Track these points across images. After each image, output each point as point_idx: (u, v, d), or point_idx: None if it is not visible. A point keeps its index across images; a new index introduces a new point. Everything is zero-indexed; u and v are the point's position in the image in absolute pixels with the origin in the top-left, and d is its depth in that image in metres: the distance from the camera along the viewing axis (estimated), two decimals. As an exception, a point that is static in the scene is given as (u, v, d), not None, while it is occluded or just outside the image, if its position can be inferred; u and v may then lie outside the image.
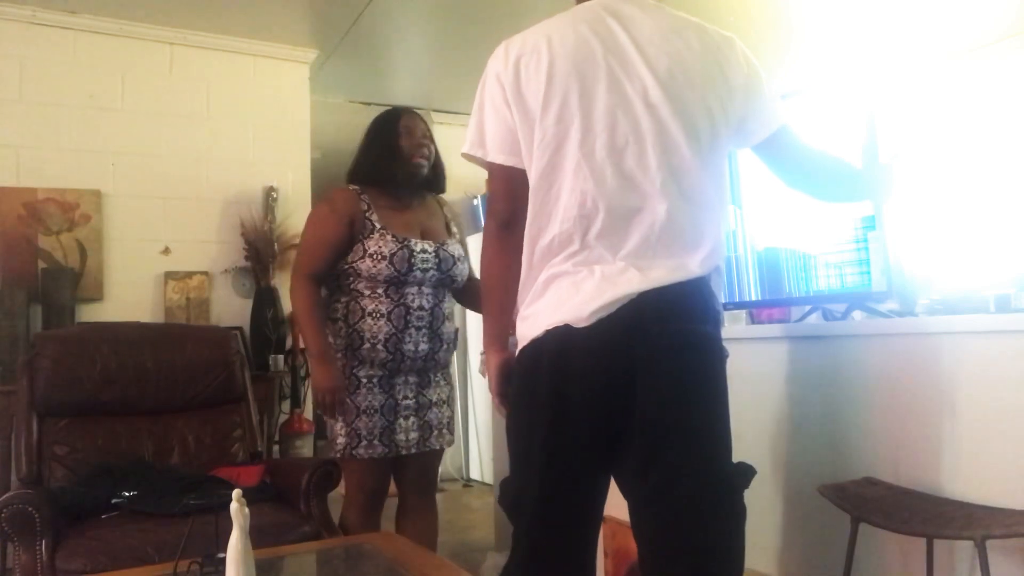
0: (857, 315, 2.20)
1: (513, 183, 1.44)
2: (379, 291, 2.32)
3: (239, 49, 3.99)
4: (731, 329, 2.43)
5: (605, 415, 1.33)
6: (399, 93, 4.88)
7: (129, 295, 3.68)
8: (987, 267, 3.25)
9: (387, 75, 4.68)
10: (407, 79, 4.80)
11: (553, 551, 1.39)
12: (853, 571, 1.76)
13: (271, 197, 3.97)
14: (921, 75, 4.36)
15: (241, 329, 3.76)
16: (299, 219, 4.03)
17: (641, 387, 1.31)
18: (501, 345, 1.51)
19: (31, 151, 3.57)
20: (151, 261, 3.75)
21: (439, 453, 2.55)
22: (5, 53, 3.54)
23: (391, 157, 2.39)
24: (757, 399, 2.30)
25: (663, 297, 1.32)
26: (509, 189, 1.46)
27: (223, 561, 1.54)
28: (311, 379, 2.30)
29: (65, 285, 3.46)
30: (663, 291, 1.33)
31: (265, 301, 3.83)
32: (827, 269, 2.16)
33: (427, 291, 2.36)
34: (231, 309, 3.89)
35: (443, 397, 2.49)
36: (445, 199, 2.61)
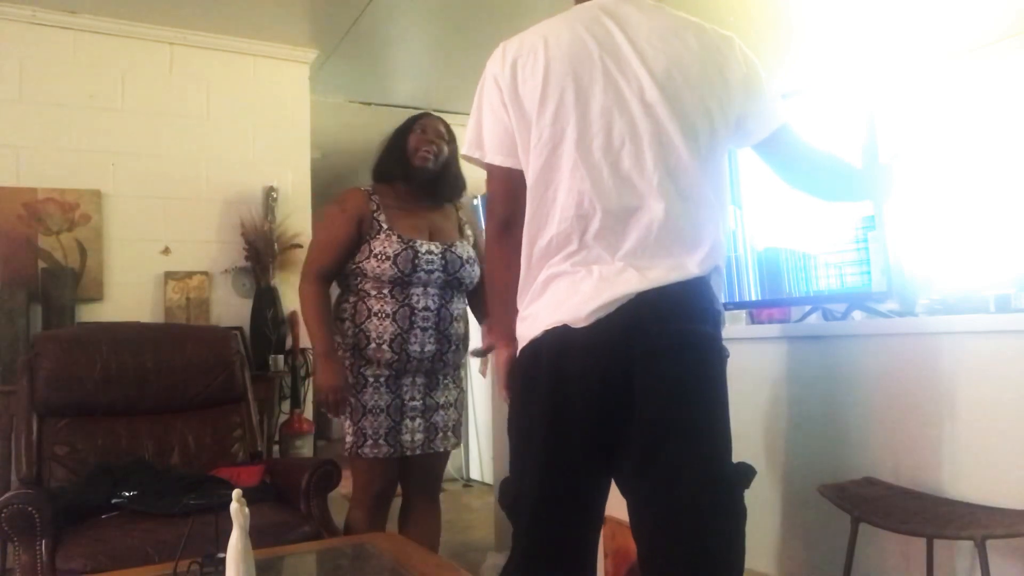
0: (857, 315, 2.20)
1: (512, 184, 1.45)
2: (384, 291, 2.32)
3: (239, 49, 3.99)
4: (731, 329, 2.42)
5: (604, 415, 1.33)
6: (399, 93, 4.87)
7: (129, 295, 3.67)
8: (987, 267, 3.25)
9: (387, 75, 4.68)
10: (407, 79, 4.80)
11: (552, 551, 1.39)
12: (853, 571, 1.76)
13: (271, 197, 3.97)
14: (921, 75, 4.36)
15: (241, 329, 3.75)
16: (299, 219, 4.05)
17: (640, 387, 1.31)
18: (508, 340, 1.50)
19: (31, 151, 3.56)
20: (151, 261, 3.75)
21: (444, 456, 2.54)
22: (5, 53, 3.54)
23: (398, 154, 2.40)
24: (757, 399, 2.30)
25: (662, 297, 1.32)
26: (508, 190, 1.46)
27: (223, 561, 1.54)
28: (314, 377, 2.30)
29: (65, 285, 3.46)
30: (662, 291, 1.32)
31: (265, 301, 3.83)
32: (827, 269, 2.16)
33: (433, 292, 2.35)
34: (231, 309, 3.88)
35: (450, 400, 2.48)
36: (462, 202, 2.61)
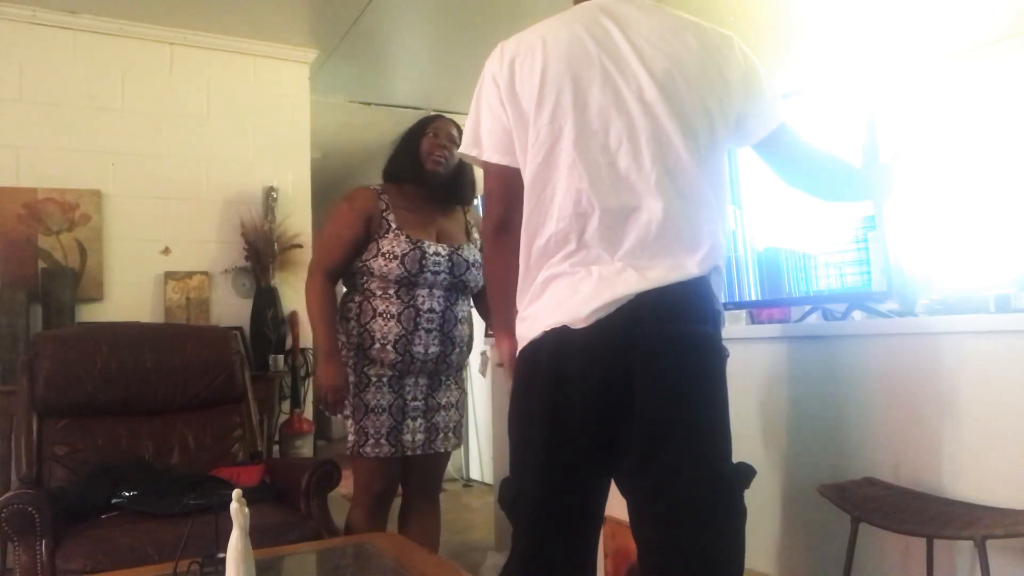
0: (857, 315, 2.20)
1: (509, 182, 1.45)
2: (390, 291, 2.32)
3: (239, 49, 3.99)
4: (731, 329, 2.42)
5: (603, 416, 1.33)
6: (399, 93, 4.87)
7: (129, 295, 3.68)
8: (987, 267, 3.25)
9: (387, 75, 4.68)
10: (407, 79, 4.80)
11: (552, 551, 1.39)
12: (853, 571, 1.75)
13: (271, 197, 3.97)
14: (921, 75, 4.36)
15: (241, 329, 3.76)
16: (299, 219, 4.05)
17: (640, 387, 1.31)
18: (510, 332, 1.51)
19: (31, 151, 3.56)
20: (151, 261, 3.75)
21: (445, 456, 2.54)
22: (5, 53, 3.54)
23: (411, 157, 2.40)
24: (757, 399, 2.30)
25: (661, 297, 1.32)
26: (505, 189, 1.46)
27: (223, 561, 1.54)
28: (316, 375, 2.30)
29: (65, 285, 3.46)
30: (662, 291, 1.32)
31: (265, 301, 3.83)
32: (827, 269, 2.16)
33: (438, 293, 2.35)
34: (231, 309, 3.88)
35: (452, 400, 2.48)
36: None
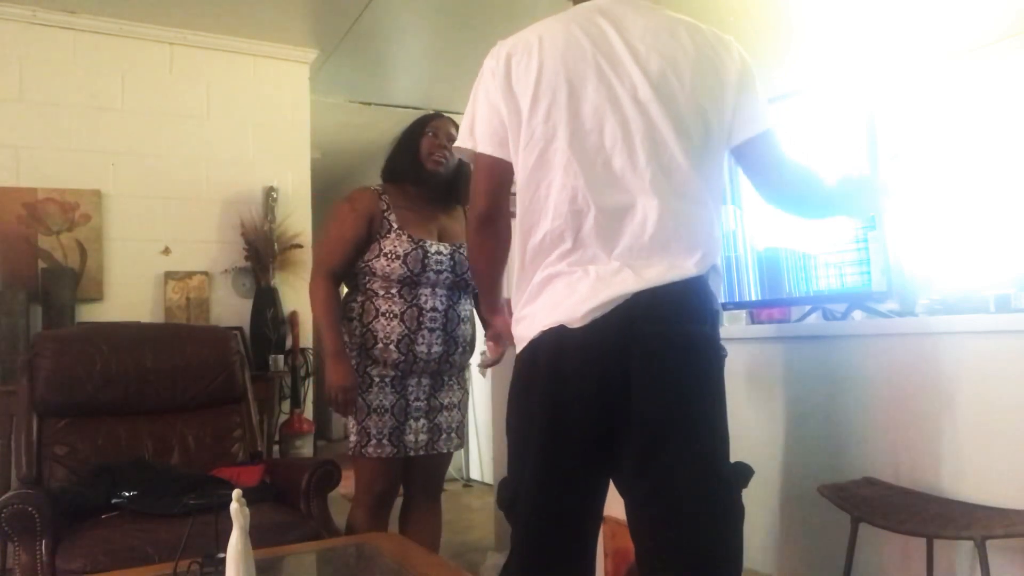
0: (857, 315, 2.20)
1: (497, 176, 1.44)
2: (393, 291, 2.31)
3: (239, 49, 3.99)
4: (731, 329, 2.43)
5: (600, 416, 1.33)
6: (399, 93, 4.87)
7: (129, 295, 3.68)
8: (987, 267, 3.25)
9: (387, 75, 4.68)
10: (407, 79, 4.80)
11: (551, 552, 1.39)
12: (853, 571, 1.75)
13: (271, 197, 3.97)
14: (921, 75, 4.35)
15: (241, 329, 3.75)
16: (299, 219, 4.05)
17: (636, 387, 1.31)
18: (499, 310, 1.66)
19: (31, 151, 3.56)
20: (151, 261, 3.75)
21: (447, 457, 2.54)
22: (5, 53, 3.54)
23: (411, 157, 2.40)
24: (757, 399, 2.30)
25: (658, 297, 1.32)
26: (492, 182, 1.45)
27: (223, 561, 1.53)
28: (325, 376, 2.29)
29: (65, 285, 3.46)
30: (658, 291, 1.33)
31: (265, 301, 3.83)
32: (827, 269, 2.15)
33: (441, 293, 2.35)
34: (231, 309, 3.88)
35: (455, 401, 2.47)
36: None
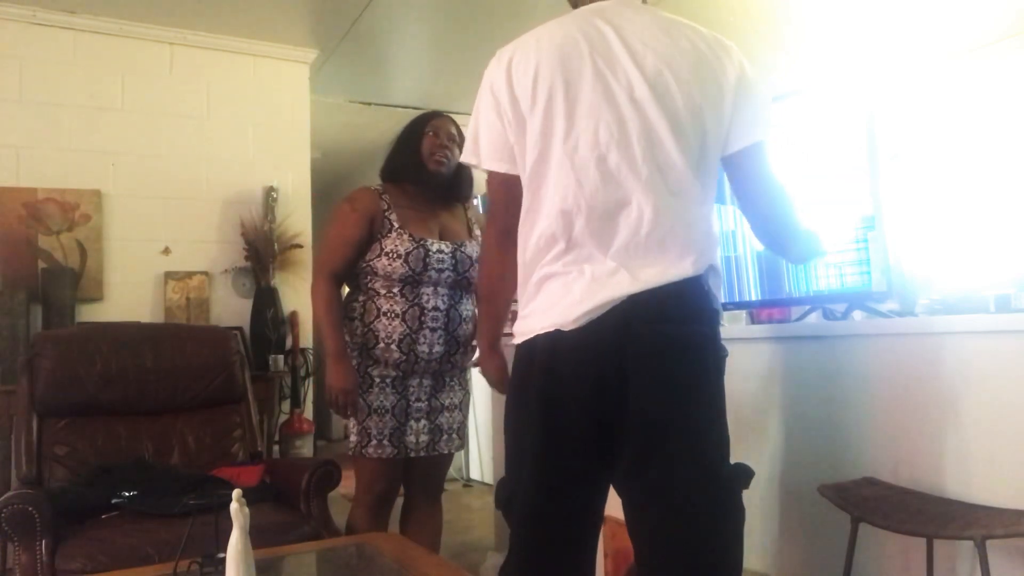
0: (857, 315, 2.20)
1: (510, 190, 1.45)
2: (394, 290, 2.31)
3: (239, 49, 3.99)
4: (731, 329, 2.43)
5: (597, 417, 1.33)
6: (399, 93, 4.88)
7: (129, 295, 3.68)
8: (987, 267, 3.26)
9: (387, 75, 4.68)
10: (407, 79, 4.80)
11: (549, 552, 1.39)
12: (853, 571, 1.75)
13: (271, 197, 3.97)
14: (921, 75, 4.36)
15: (241, 329, 3.76)
16: (299, 219, 4.05)
17: (634, 387, 1.31)
18: (498, 349, 1.61)
19: (31, 151, 3.56)
20: (151, 261, 3.75)
21: (448, 457, 2.54)
22: (5, 53, 3.54)
23: (412, 157, 2.39)
24: (757, 399, 2.30)
25: (655, 298, 1.32)
26: (508, 195, 1.46)
27: (223, 561, 1.53)
28: (326, 378, 2.29)
29: (65, 285, 3.46)
30: (655, 292, 1.32)
31: (265, 301, 3.83)
32: (827, 269, 2.15)
33: (443, 292, 2.34)
34: (231, 309, 3.89)
35: (456, 402, 2.47)
36: (469, 201, 2.61)
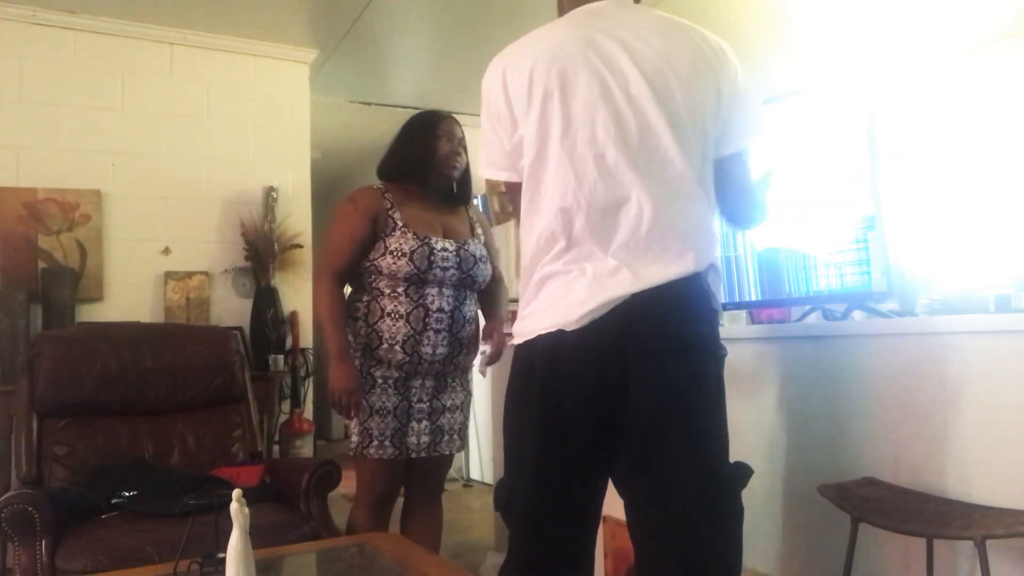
0: (857, 315, 2.20)
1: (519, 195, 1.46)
2: (399, 290, 2.30)
3: (239, 49, 3.99)
4: (731, 329, 2.43)
5: (599, 416, 1.33)
6: (399, 93, 4.88)
7: (129, 295, 3.68)
8: (987, 267, 3.26)
9: (387, 75, 4.68)
10: (407, 79, 4.80)
11: (548, 552, 1.39)
12: (853, 571, 1.75)
13: (271, 197, 3.97)
14: (921, 75, 4.36)
15: (241, 329, 3.76)
16: (299, 219, 4.05)
17: (634, 388, 1.31)
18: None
19: (31, 151, 3.57)
20: (151, 261, 3.75)
21: (449, 458, 2.54)
22: (5, 53, 3.54)
23: (428, 158, 2.39)
24: (757, 399, 2.30)
25: (656, 297, 1.32)
26: (518, 201, 1.47)
27: (223, 561, 1.53)
28: (329, 378, 2.28)
29: (65, 285, 3.46)
30: (656, 291, 1.32)
31: (265, 301, 3.83)
32: (827, 269, 2.15)
33: (448, 292, 2.34)
34: (231, 309, 3.89)
35: (457, 403, 2.47)
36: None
